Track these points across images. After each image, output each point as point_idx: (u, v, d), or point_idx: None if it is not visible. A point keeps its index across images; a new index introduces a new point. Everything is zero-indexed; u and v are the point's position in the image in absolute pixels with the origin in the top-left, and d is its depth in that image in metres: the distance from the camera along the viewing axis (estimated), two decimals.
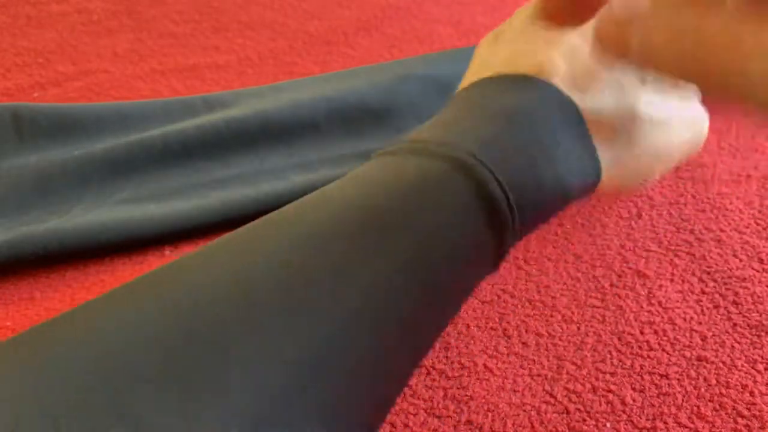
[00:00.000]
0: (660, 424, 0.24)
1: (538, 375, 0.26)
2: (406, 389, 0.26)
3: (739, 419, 0.24)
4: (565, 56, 0.23)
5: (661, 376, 0.26)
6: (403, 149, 0.21)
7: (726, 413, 0.24)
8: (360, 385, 0.16)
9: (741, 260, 0.31)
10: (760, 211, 0.34)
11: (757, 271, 0.30)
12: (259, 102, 0.43)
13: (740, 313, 0.28)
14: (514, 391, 0.26)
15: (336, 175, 0.25)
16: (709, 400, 0.25)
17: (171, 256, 0.33)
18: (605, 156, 0.24)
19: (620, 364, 0.26)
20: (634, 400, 0.25)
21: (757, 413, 0.24)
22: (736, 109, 0.15)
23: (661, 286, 0.30)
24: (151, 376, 0.13)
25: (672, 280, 0.30)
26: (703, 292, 0.29)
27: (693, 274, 0.30)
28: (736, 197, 0.35)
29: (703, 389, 0.25)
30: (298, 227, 0.18)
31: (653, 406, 0.25)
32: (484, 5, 0.59)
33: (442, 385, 0.26)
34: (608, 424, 0.24)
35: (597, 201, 0.35)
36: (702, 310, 0.29)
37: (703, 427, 0.24)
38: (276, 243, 0.17)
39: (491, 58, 0.25)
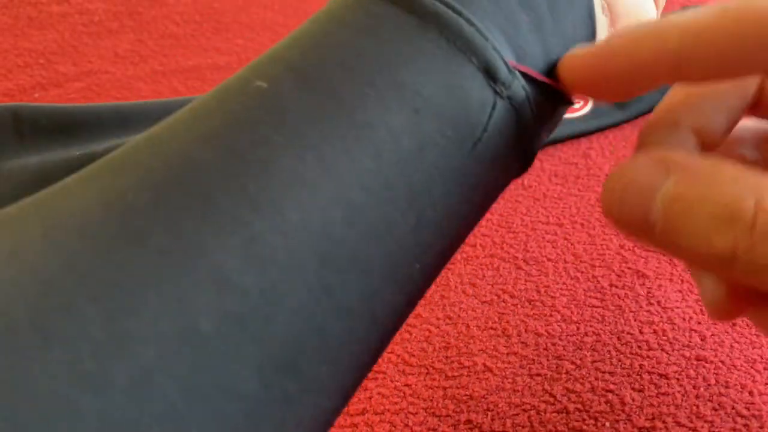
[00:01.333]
0: (659, 424, 0.24)
1: (538, 374, 0.26)
2: (405, 389, 0.26)
3: (738, 419, 0.24)
4: None
5: (661, 375, 0.26)
6: None
7: (725, 413, 0.24)
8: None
9: None
10: None
11: None
12: None
13: None
14: (514, 390, 0.26)
15: None
16: (708, 400, 0.25)
17: None
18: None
19: (619, 363, 0.26)
20: (633, 400, 0.25)
21: (756, 413, 0.24)
22: None
23: (660, 285, 0.30)
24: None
25: (671, 280, 0.30)
26: None
27: None
28: None
29: (702, 389, 0.25)
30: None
31: (652, 405, 0.25)
32: None
33: (441, 385, 0.26)
34: (607, 424, 0.24)
35: (596, 201, 0.35)
36: (701, 310, 0.29)
37: (702, 427, 0.24)
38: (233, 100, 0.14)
39: None
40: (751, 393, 0.25)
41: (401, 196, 0.14)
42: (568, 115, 0.42)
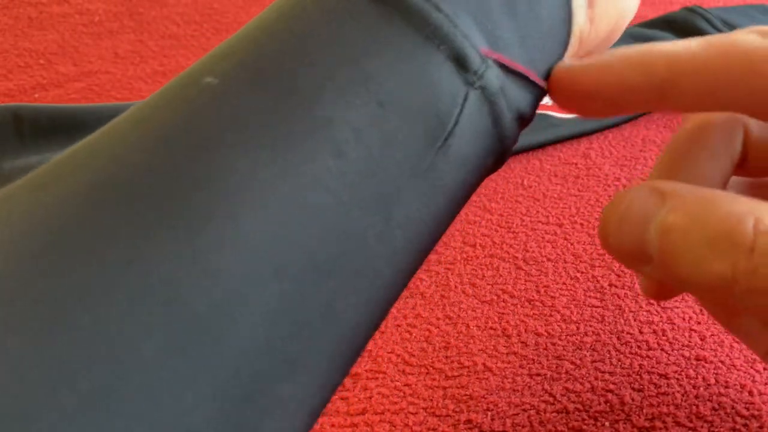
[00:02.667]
0: (659, 424, 0.24)
1: (538, 374, 0.26)
2: (405, 389, 0.26)
3: (738, 419, 0.24)
4: None
5: (660, 375, 0.26)
6: None
7: (725, 413, 0.24)
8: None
9: None
10: None
11: None
12: None
13: None
14: (514, 390, 0.26)
15: None
16: (708, 400, 0.25)
17: None
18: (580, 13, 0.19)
19: (619, 363, 0.26)
20: (633, 400, 0.25)
21: (756, 413, 0.24)
22: None
23: None
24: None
25: None
26: None
27: None
28: None
29: (701, 389, 0.25)
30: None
31: (652, 405, 0.25)
32: None
33: (441, 385, 0.26)
34: (607, 423, 0.24)
35: (596, 201, 0.35)
36: (701, 310, 0.29)
37: (702, 427, 0.24)
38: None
39: None
40: (750, 393, 0.25)
41: (366, 197, 0.13)
42: (567, 115, 0.42)
